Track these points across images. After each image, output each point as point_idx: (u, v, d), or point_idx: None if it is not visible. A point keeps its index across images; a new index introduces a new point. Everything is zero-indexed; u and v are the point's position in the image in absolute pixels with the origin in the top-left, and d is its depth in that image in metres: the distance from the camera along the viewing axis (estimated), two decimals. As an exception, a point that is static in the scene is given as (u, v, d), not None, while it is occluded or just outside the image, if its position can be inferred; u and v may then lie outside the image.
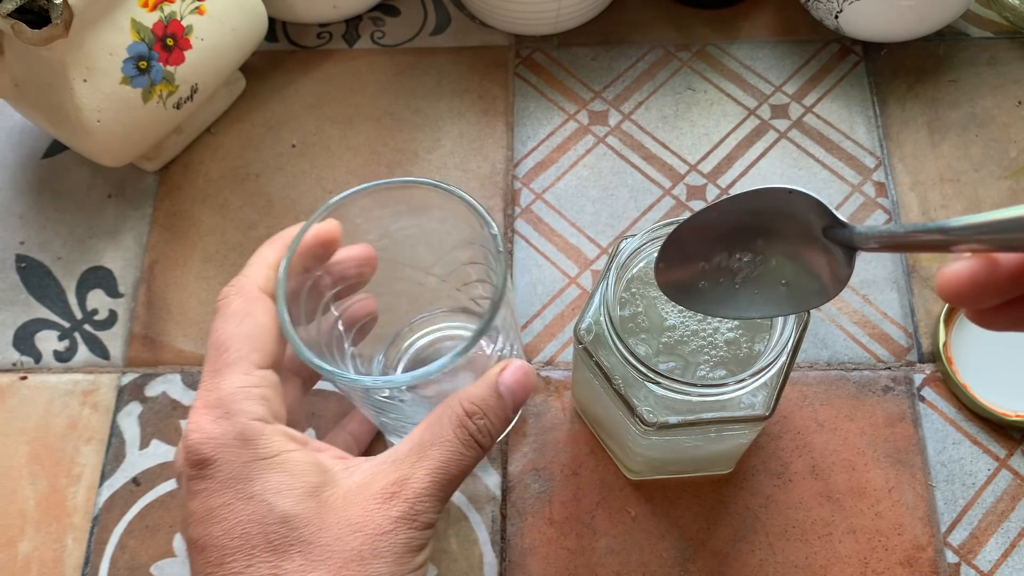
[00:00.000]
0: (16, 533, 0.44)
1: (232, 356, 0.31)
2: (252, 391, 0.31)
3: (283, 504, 0.29)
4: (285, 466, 0.30)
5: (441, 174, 0.52)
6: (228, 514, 0.29)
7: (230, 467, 0.29)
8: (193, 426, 0.30)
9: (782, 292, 0.30)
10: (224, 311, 0.32)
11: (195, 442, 0.30)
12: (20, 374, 0.48)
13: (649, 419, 0.35)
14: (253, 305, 0.32)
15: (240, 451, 0.29)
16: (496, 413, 0.32)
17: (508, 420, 0.33)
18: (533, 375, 0.33)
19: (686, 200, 0.51)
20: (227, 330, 0.32)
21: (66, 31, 0.41)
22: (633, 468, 0.42)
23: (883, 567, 0.41)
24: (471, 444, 0.31)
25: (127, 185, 0.53)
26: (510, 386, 0.32)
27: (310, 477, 0.30)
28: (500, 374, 0.32)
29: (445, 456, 0.30)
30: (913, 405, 0.45)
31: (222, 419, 0.30)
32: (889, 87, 0.54)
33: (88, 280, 0.50)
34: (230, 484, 0.29)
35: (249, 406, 0.30)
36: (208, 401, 0.30)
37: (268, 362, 0.32)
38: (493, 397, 0.32)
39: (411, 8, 0.58)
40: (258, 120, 0.54)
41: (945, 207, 0.50)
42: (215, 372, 0.31)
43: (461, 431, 0.31)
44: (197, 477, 0.30)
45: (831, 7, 0.51)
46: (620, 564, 0.42)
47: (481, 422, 0.31)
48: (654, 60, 0.55)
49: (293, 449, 0.30)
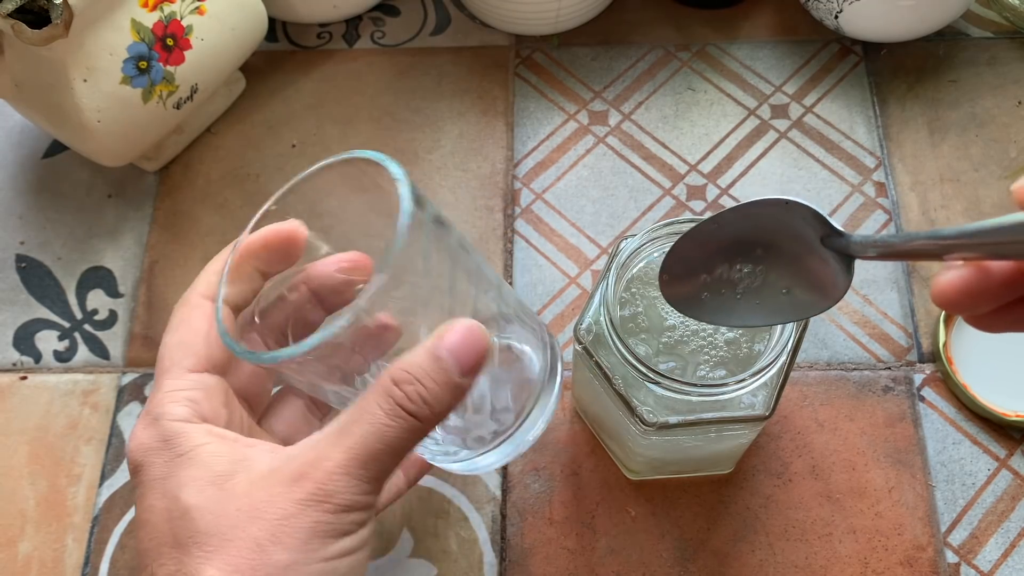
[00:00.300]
0: (16, 533, 0.44)
1: (165, 365, 0.31)
2: (178, 395, 0.30)
3: (186, 497, 0.28)
4: (197, 459, 0.29)
5: (441, 174, 0.52)
6: (151, 516, 0.29)
7: (154, 469, 0.29)
8: (131, 435, 0.30)
9: (783, 300, 0.30)
10: (168, 325, 0.32)
11: (129, 451, 0.30)
12: (20, 374, 0.48)
13: (649, 419, 0.35)
14: (191, 311, 0.32)
15: (162, 452, 0.29)
16: (433, 378, 0.28)
17: (453, 386, 0.28)
18: (481, 333, 0.28)
19: (686, 200, 0.51)
20: (165, 342, 0.32)
21: (66, 31, 0.41)
22: (633, 468, 0.42)
23: (883, 567, 0.41)
24: (397, 414, 0.27)
25: (127, 185, 0.53)
26: (451, 345, 0.28)
27: (219, 467, 0.28)
28: (440, 337, 0.28)
29: (366, 430, 0.27)
30: (913, 405, 0.45)
31: (150, 426, 0.30)
32: (889, 87, 0.54)
33: (88, 280, 0.50)
34: (153, 486, 0.29)
35: (172, 408, 0.30)
36: (145, 412, 0.31)
37: (203, 365, 0.31)
38: (428, 360, 0.28)
39: (411, 8, 0.58)
40: (258, 120, 0.54)
41: (945, 207, 0.50)
42: (155, 385, 0.31)
43: (385, 399, 0.27)
44: (136, 485, 0.30)
45: (831, 7, 0.51)
46: (620, 564, 0.42)
47: (410, 388, 0.27)
48: (654, 60, 0.55)
49: (209, 442, 0.29)
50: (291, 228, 0.31)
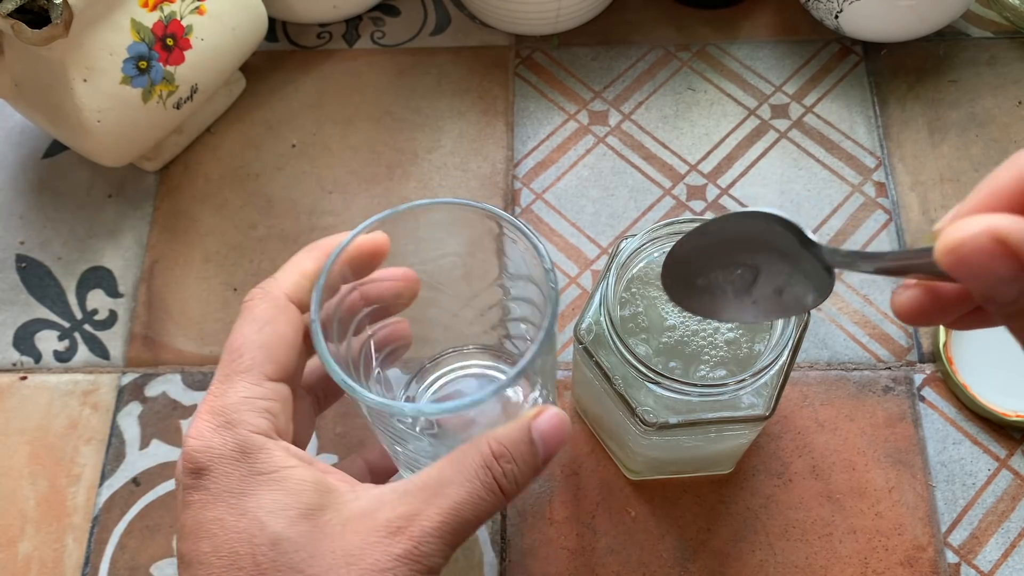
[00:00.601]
0: (16, 533, 0.44)
1: (245, 363, 0.30)
2: (258, 403, 0.29)
3: (275, 525, 0.27)
4: (283, 483, 0.28)
5: (441, 174, 0.52)
6: (218, 530, 0.27)
7: (226, 479, 0.28)
8: (194, 432, 0.29)
9: (776, 299, 0.31)
10: (247, 314, 0.31)
11: (192, 449, 0.29)
12: (20, 374, 0.48)
13: (649, 419, 0.35)
14: (277, 313, 0.31)
15: (238, 464, 0.28)
16: (525, 460, 0.29)
17: (537, 470, 0.30)
18: (569, 425, 0.30)
19: (686, 200, 0.51)
20: (245, 335, 0.30)
21: (66, 31, 0.41)
22: (633, 468, 0.42)
23: (883, 567, 0.41)
24: (493, 489, 0.28)
25: (127, 185, 0.53)
26: (544, 433, 0.29)
27: (308, 497, 0.28)
28: (535, 418, 0.29)
29: (463, 497, 0.28)
30: (913, 405, 0.45)
31: (223, 428, 0.29)
32: (889, 87, 0.54)
33: (88, 280, 0.50)
34: (224, 497, 0.28)
35: (252, 418, 0.29)
36: (212, 407, 0.29)
37: (281, 375, 0.30)
38: (525, 442, 0.29)
39: (411, 8, 0.58)
40: (258, 120, 0.54)
41: (945, 207, 0.50)
42: (225, 377, 0.30)
43: (484, 472, 0.28)
44: (192, 487, 0.28)
45: (831, 7, 0.51)
46: (620, 564, 0.42)
47: (508, 466, 0.29)
48: (654, 60, 0.55)
49: (294, 465, 0.28)
50: (385, 240, 0.31)
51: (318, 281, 0.30)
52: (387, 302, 0.34)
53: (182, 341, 0.48)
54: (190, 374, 0.47)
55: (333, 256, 0.30)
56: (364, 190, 0.52)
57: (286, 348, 0.30)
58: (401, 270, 0.34)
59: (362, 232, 0.31)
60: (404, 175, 0.52)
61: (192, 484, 0.28)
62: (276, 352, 0.30)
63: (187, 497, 0.29)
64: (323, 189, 0.52)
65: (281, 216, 0.51)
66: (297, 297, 0.31)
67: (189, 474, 0.29)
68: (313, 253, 0.32)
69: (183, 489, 0.29)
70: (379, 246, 0.31)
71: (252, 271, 0.49)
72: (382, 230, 0.31)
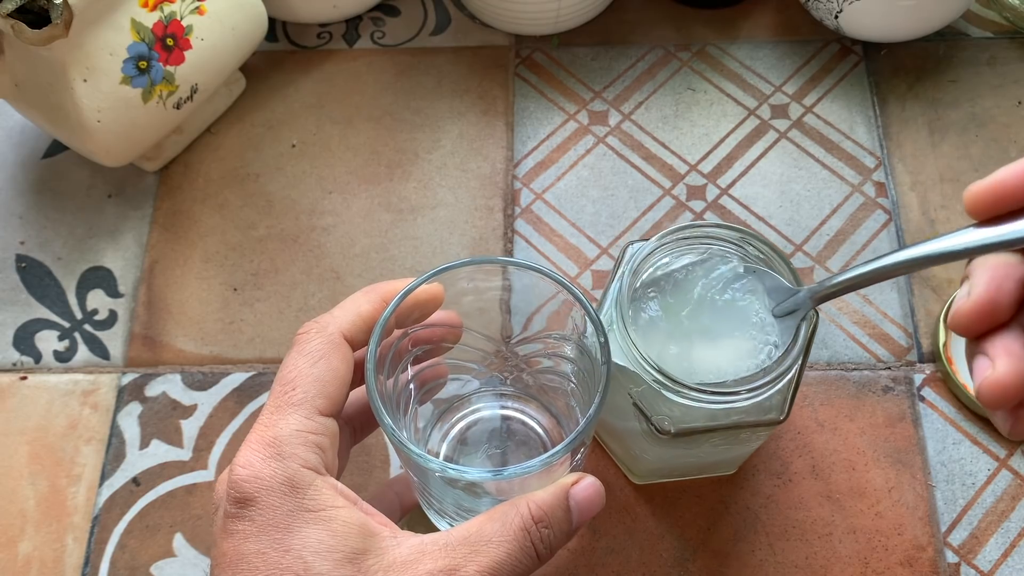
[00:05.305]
0: (16, 533, 0.44)
1: (298, 396, 0.30)
2: (310, 437, 0.29)
3: (320, 566, 0.27)
4: (329, 524, 0.28)
5: (441, 174, 0.52)
6: (261, 564, 0.27)
7: (272, 513, 0.28)
8: (242, 460, 0.29)
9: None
10: (301, 347, 0.31)
11: (240, 478, 0.28)
12: (20, 374, 0.48)
13: (664, 427, 0.34)
14: (332, 349, 0.31)
15: (285, 498, 0.28)
16: (561, 527, 0.30)
17: (569, 536, 0.31)
18: (603, 495, 0.31)
19: (686, 200, 0.51)
20: (300, 368, 0.30)
21: (66, 31, 0.41)
22: (639, 473, 0.42)
23: (883, 567, 0.41)
24: (530, 552, 0.29)
25: (127, 185, 0.53)
26: (580, 502, 0.30)
27: (353, 541, 0.28)
28: (573, 485, 0.30)
29: (501, 557, 0.28)
30: (913, 405, 0.45)
31: (273, 459, 0.28)
32: (889, 87, 0.54)
33: (88, 280, 0.50)
34: (268, 531, 0.28)
35: (303, 452, 0.29)
36: (263, 437, 0.29)
37: (332, 410, 0.30)
38: (562, 509, 0.30)
39: (411, 8, 0.58)
40: (258, 120, 0.54)
41: (945, 207, 0.50)
42: (277, 408, 0.30)
43: (524, 535, 0.29)
44: (236, 516, 0.28)
45: (831, 7, 0.51)
46: (620, 564, 0.42)
47: (546, 531, 0.29)
48: (654, 60, 0.55)
49: (341, 506, 0.29)
50: (441, 292, 0.33)
51: (378, 326, 0.31)
52: (434, 345, 0.35)
53: (182, 341, 0.48)
54: (190, 374, 0.47)
55: (396, 302, 0.31)
56: (364, 190, 0.52)
57: (338, 384, 0.31)
58: (448, 314, 0.34)
59: (423, 282, 0.32)
60: (404, 175, 0.52)
61: (236, 513, 0.28)
62: (329, 387, 0.30)
63: (229, 525, 0.28)
64: (323, 189, 0.52)
65: (281, 216, 0.51)
66: (350, 335, 0.32)
67: (234, 502, 0.28)
68: (370, 296, 0.33)
69: (225, 516, 0.29)
70: (436, 296, 0.33)
71: (252, 271, 0.49)
72: (439, 280, 0.33)
